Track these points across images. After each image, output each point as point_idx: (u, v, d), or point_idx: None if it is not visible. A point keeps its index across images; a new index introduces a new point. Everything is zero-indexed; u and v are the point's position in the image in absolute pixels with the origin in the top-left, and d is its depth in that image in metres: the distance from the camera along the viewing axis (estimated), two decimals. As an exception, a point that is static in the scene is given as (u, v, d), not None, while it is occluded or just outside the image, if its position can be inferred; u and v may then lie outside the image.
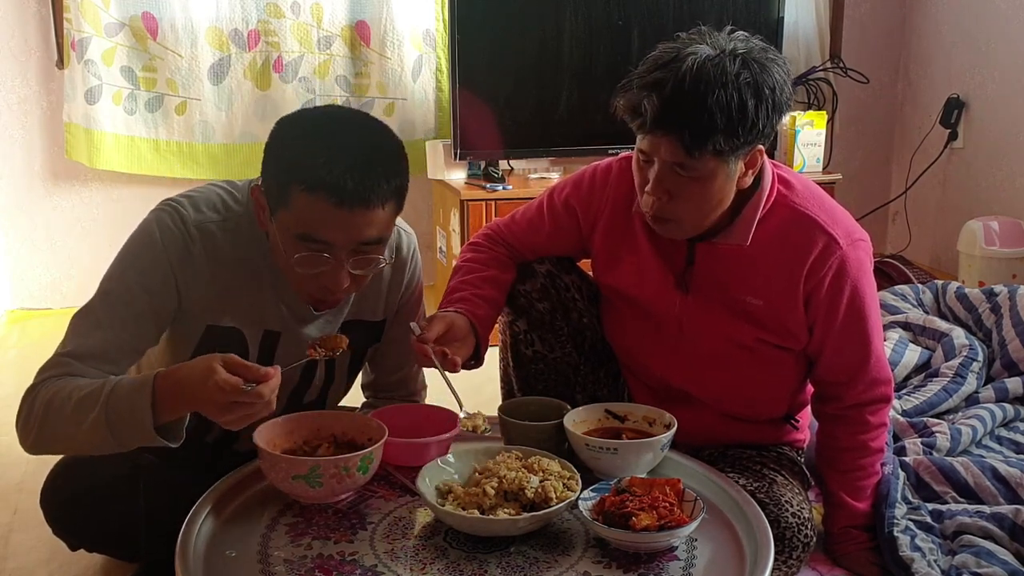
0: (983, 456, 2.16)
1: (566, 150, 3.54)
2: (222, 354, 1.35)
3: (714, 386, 1.79)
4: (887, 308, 2.79)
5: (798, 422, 1.87)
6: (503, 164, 3.52)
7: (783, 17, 3.58)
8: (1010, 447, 2.23)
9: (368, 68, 3.62)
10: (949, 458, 2.08)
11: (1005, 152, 3.68)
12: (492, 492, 1.39)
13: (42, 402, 1.42)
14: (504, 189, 3.31)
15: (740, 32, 1.58)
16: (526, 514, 1.36)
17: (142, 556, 1.68)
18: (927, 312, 2.83)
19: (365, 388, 1.91)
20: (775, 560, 1.40)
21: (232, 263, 1.56)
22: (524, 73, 3.43)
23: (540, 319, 1.84)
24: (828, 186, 3.45)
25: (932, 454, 2.13)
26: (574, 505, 1.40)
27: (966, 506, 1.94)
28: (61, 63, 3.40)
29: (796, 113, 3.59)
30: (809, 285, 1.65)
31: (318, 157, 1.41)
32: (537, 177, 3.52)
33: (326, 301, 1.58)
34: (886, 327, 2.66)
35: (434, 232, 3.71)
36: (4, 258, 3.59)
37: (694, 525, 1.36)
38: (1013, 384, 2.43)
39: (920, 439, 2.20)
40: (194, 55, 3.44)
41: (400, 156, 1.49)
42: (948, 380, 2.43)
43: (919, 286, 2.95)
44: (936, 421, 2.28)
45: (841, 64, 4.07)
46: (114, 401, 1.37)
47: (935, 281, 3.01)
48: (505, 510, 1.37)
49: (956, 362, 2.47)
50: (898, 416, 2.30)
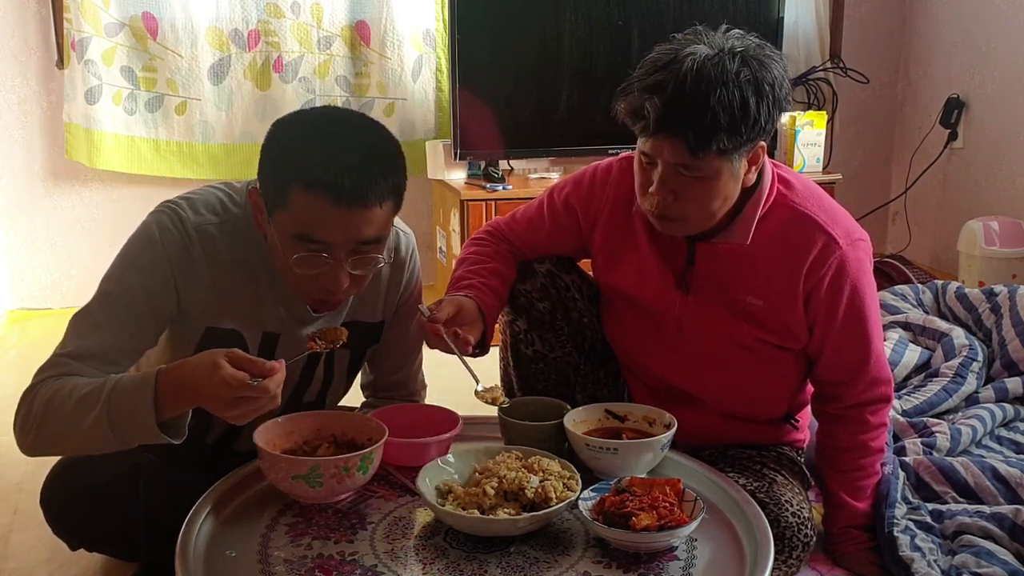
0: (983, 456, 2.16)
1: (566, 150, 3.54)
2: (225, 349, 1.35)
3: (714, 386, 1.79)
4: (887, 308, 2.79)
5: (798, 422, 1.87)
6: (503, 164, 3.52)
7: (783, 17, 3.58)
8: (1010, 447, 2.23)
9: (368, 68, 3.62)
10: (949, 458, 2.08)
11: (1005, 152, 3.68)
12: (492, 492, 1.39)
13: (41, 401, 1.41)
14: (504, 189, 3.31)
15: (735, 30, 1.58)
16: (526, 514, 1.36)
17: (142, 556, 1.67)
18: (927, 312, 2.83)
19: (364, 388, 1.91)
20: (775, 560, 1.40)
21: (231, 265, 1.56)
22: (524, 73, 3.43)
23: (540, 319, 1.84)
24: (828, 186, 3.44)
25: (932, 454, 2.13)
26: (574, 505, 1.40)
27: (966, 506, 1.94)
28: (61, 63, 3.40)
29: (796, 113, 3.59)
30: (809, 285, 1.65)
31: (315, 156, 1.40)
32: (537, 177, 3.53)
33: (326, 302, 1.57)
34: (886, 327, 2.65)
35: (434, 232, 3.71)
36: (4, 258, 3.58)
37: (694, 525, 1.36)
38: (1013, 384, 2.43)
39: (920, 439, 2.20)
40: (194, 55, 3.43)
41: (397, 155, 1.49)
42: (948, 380, 2.43)
43: (919, 286, 2.95)
44: (936, 421, 2.28)
45: (841, 64, 4.06)
46: (116, 398, 1.37)
47: (935, 281, 3.01)
48: (505, 510, 1.37)
49: (956, 362, 2.47)
50: (898, 416, 2.30)
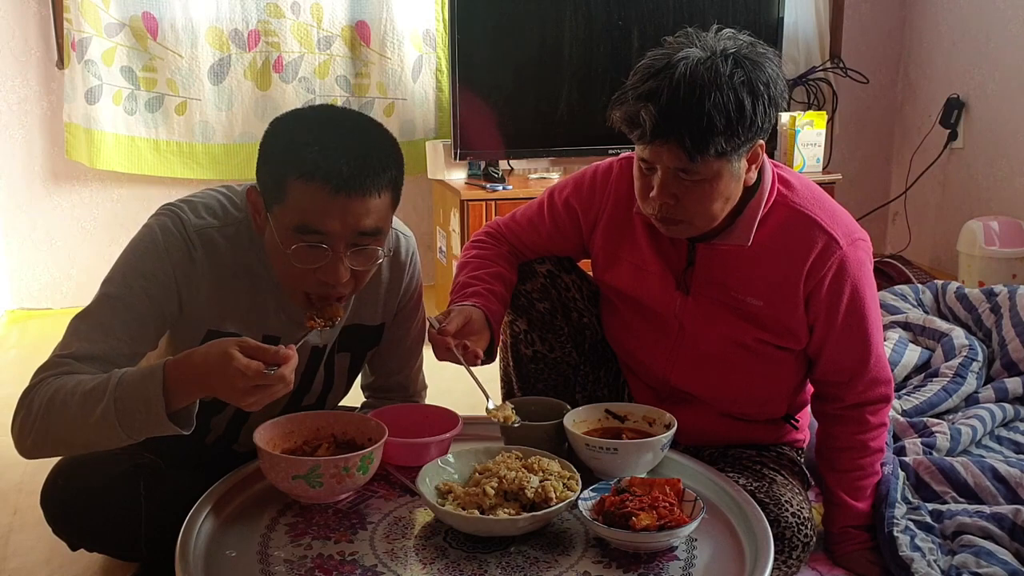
0: (983, 456, 2.16)
1: (566, 150, 3.54)
2: (236, 339, 1.34)
3: (714, 386, 1.79)
4: (887, 308, 2.79)
5: (798, 422, 1.87)
6: (503, 164, 3.52)
7: (783, 17, 3.59)
8: (1010, 447, 2.23)
9: (368, 68, 3.62)
10: (949, 458, 2.08)
11: (1005, 152, 3.68)
12: (492, 492, 1.39)
13: (42, 400, 1.40)
14: (504, 189, 3.31)
15: (727, 30, 1.57)
16: (526, 514, 1.36)
17: (142, 556, 1.67)
18: (927, 312, 2.83)
19: (365, 389, 1.90)
20: (775, 560, 1.40)
21: (232, 268, 1.56)
22: (524, 73, 3.43)
23: (540, 319, 1.84)
24: (828, 186, 3.45)
25: (932, 454, 2.13)
26: (574, 505, 1.40)
27: (966, 506, 1.94)
28: (61, 63, 3.40)
29: (796, 113, 3.60)
30: (809, 285, 1.65)
31: (313, 148, 1.41)
32: (537, 177, 3.53)
33: (327, 299, 1.52)
34: (886, 327, 2.65)
35: (434, 232, 3.71)
36: (4, 258, 3.58)
37: (694, 525, 1.36)
38: (1013, 384, 2.43)
39: (920, 439, 2.20)
40: (194, 55, 3.44)
41: (394, 149, 1.49)
42: (948, 380, 2.43)
43: (919, 286, 2.95)
44: (936, 421, 2.28)
45: (841, 64, 4.07)
46: (123, 390, 1.36)
47: (935, 281, 3.01)
48: (505, 510, 1.37)
49: (956, 362, 2.47)
50: (898, 416, 2.30)
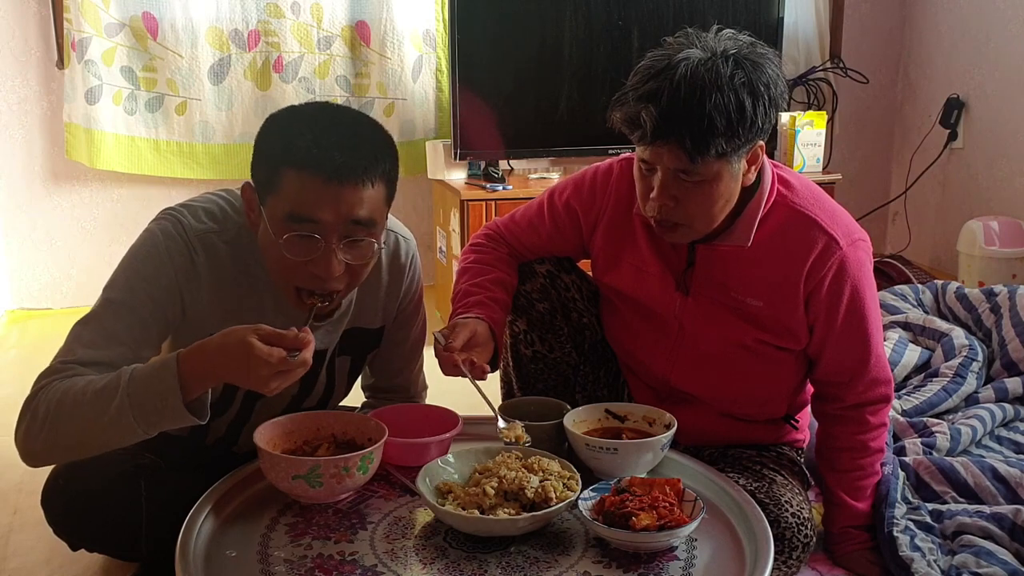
0: (983, 456, 2.16)
1: (566, 150, 3.54)
2: (252, 326, 1.35)
3: (714, 386, 1.79)
4: (887, 308, 2.79)
5: (798, 422, 1.87)
6: (503, 164, 3.52)
7: (783, 17, 3.59)
8: (1010, 447, 2.23)
9: (368, 68, 3.62)
10: (949, 458, 2.08)
11: (1005, 152, 3.68)
12: (492, 492, 1.39)
13: (50, 404, 1.39)
14: (504, 189, 3.31)
15: (727, 31, 1.57)
16: (526, 514, 1.36)
17: (142, 556, 1.67)
18: (927, 312, 2.83)
19: (365, 389, 1.91)
20: (775, 560, 1.40)
21: (232, 272, 1.56)
22: (524, 73, 3.43)
23: (540, 319, 1.84)
24: (828, 186, 3.45)
25: (932, 454, 2.13)
26: (574, 505, 1.40)
27: (966, 506, 1.94)
28: (61, 63, 3.40)
29: (796, 113, 3.60)
30: (809, 285, 1.65)
31: (306, 136, 1.42)
32: (537, 177, 3.53)
33: (326, 295, 1.51)
34: (886, 327, 2.65)
35: (434, 232, 3.71)
36: (4, 258, 3.58)
37: (694, 525, 1.36)
38: (1013, 384, 2.43)
39: (920, 439, 2.20)
40: (194, 55, 3.44)
41: (388, 143, 1.50)
42: (948, 380, 2.43)
43: (919, 286, 2.95)
44: (936, 421, 2.28)
45: (841, 64, 4.07)
46: (136, 385, 1.36)
47: (935, 281, 3.01)
48: (505, 510, 1.37)
49: (956, 362, 2.47)
50: (898, 416, 2.30)
